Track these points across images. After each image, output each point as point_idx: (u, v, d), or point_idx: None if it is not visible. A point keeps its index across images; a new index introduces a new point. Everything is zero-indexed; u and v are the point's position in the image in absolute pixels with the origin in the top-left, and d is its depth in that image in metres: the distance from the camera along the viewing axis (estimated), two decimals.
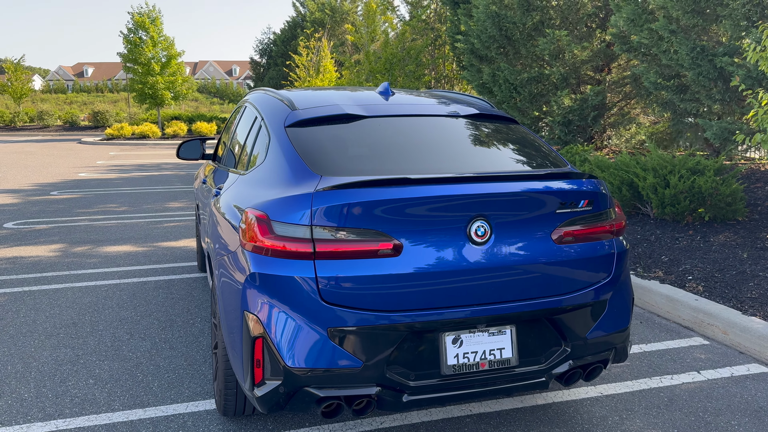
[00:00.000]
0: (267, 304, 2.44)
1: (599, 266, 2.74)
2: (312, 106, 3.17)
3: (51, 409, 3.29)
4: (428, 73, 17.37)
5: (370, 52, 15.21)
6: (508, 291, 2.56)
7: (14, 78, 39.67)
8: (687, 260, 5.35)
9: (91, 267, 6.18)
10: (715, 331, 4.29)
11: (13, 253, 6.78)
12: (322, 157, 2.75)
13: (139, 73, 28.84)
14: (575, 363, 2.73)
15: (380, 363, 2.43)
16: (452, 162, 2.90)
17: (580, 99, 9.96)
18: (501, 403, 3.36)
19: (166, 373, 3.73)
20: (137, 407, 3.32)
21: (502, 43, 11.17)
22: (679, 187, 5.86)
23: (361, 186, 2.43)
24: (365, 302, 2.40)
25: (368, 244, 2.40)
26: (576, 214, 2.68)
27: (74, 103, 60.74)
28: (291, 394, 2.44)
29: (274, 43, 39.05)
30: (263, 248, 2.45)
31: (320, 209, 2.38)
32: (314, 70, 22.43)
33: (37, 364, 3.86)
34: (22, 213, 9.32)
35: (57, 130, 34.84)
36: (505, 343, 2.59)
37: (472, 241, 2.51)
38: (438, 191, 2.47)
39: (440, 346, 2.51)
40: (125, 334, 4.38)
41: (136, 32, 28.90)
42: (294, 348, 2.39)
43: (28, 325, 4.53)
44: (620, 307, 2.84)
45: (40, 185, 12.61)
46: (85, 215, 9.19)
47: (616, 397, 3.46)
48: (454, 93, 3.96)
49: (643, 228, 6.35)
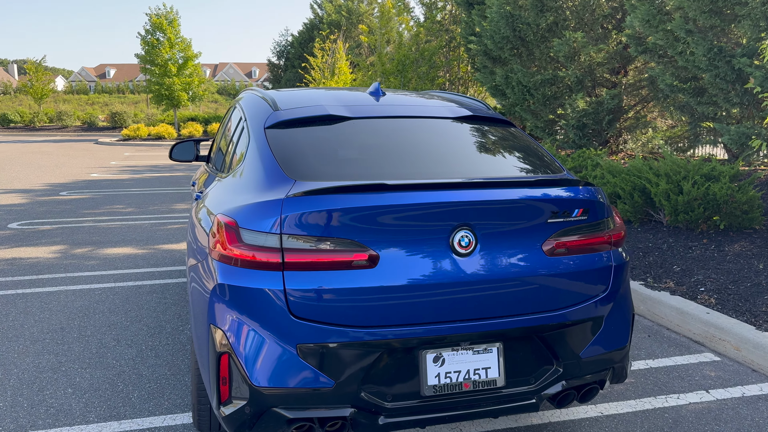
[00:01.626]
0: (233, 318, 2.28)
1: (595, 280, 2.54)
2: (295, 107, 3.01)
3: (24, 420, 3.17)
4: (443, 75, 17.17)
5: (383, 53, 15.06)
6: (494, 306, 2.38)
7: (35, 79, 40.13)
8: (700, 270, 5.11)
9: (88, 270, 6.09)
10: (726, 346, 4.06)
11: (12, 254, 6.72)
12: (299, 160, 2.59)
13: (156, 75, 29.00)
14: (568, 384, 2.53)
15: (354, 382, 2.26)
16: (439, 166, 2.72)
17: (595, 102, 9.71)
18: (494, 423, 3.17)
19: (147, 383, 3.60)
20: (112, 419, 3.19)
21: (515, 44, 10.95)
22: (692, 193, 5.61)
23: (335, 192, 2.26)
24: (338, 317, 2.23)
25: (341, 254, 2.23)
26: (569, 224, 2.49)
27: (96, 104, 61.42)
28: (258, 414, 2.27)
29: (292, 45, 39.07)
30: (231, 257, 2.29)
31: (290, 217, 2.22)
32: (329, 71, 22.35)
33: (18, 371, 3.75)
34: (28, 213, 9.30)
35: (75, 130, 35.16)
36: (492, 362, 2.41)
37: (455, 252, 2.33)
38: (417, 198, 2.29)
39: (420, 364, 2.33)
40: (112, 340, 4.26)
41: (153, 33, 29.06)
42: (261, 366, 2.23)
43: (15, 330, 4.43)
44: (618, 324, 2.64)
45: (50, 185, 12.63)
46: (90, 216, 9.14)
47: (617, 417, 3.25)
48: (451, 94, 3.78)
49: (655, 236, 6.11)
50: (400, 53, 14.27)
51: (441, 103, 3.28)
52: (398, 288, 2.26)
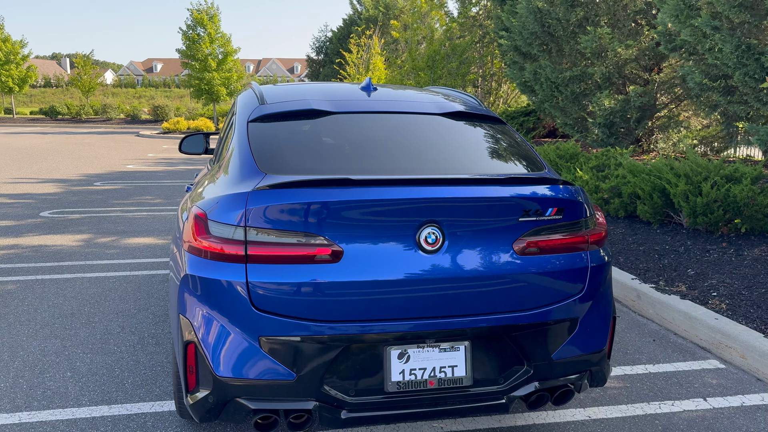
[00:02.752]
0: (199, 309, 2.32)
1: (570, 280, 2.49)
2: (280, 101, 3.03)
3: (21, 401, 3.29)
4: (475, 71, 17.01)
5: (413, 49, 15.01)
6: (462, 304, 2.36)
7: (83, 72, 41.42)
8: (714, 275, 4.95)
9: (107, 258, 6.26)
10: (732, 354, 3.92)
11: (39, 241, 6.95)
12: (274, 153, 2.61)
13: (196, 69, 29.57)
14: (541, 385, 2.49)
15: (315, 376, 2.27)
16: (414, 162, 2.71)
17: (621, 100, 9.48)
18: (476, 422, 3.14)
19: (143, 370, 3.69)
20: (103, 404, 3.28)
21: (544, 40, 10.77)
22: (711, 195, 5.43)
23: (299, 186, 2.28)
24: (300, 311, 2.25)
25: (304, 248, 2.24)
26: (542, 223, 2.44)
27: (142, 98, 63.03)
28: (221, 404, 2.31)
29: (330, 41, 39.34)
30: (199, 249, 2.33)
31: (254, 210, 2.24)
32: (364, 67, 22.40)
33: (24, 354, 3.88)
34: (61, 202, 9.61)
35: (119, 122, 36.16)
36: (458, 360, 2.39)
37: (421, 248, 2.32)
38: (383, 194, 2.29)
39: (384, 360, 2.33)
40: (117, 327, 4.37)
41: (194, 29, 29.63)
42: (223, 356, 2.26)
43: (28, 314, 4.59)
44: (595, 326, 2.58)
45: (86, 175, 13.01)
46: (119, 206, 9.38)
47: (604, 421, 3.18)
48: (448, 90, 3.74)
49: (674, 238, 5.94)
50: (431, 49, 14.19)
51: (430, 99, 3.26)
52: (362, 284, 2.26)
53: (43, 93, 64.82)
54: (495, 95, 17.60)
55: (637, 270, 5.31)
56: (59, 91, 66.31)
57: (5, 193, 10.40)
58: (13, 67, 36.39)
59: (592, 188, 7.20)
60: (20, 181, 12.02)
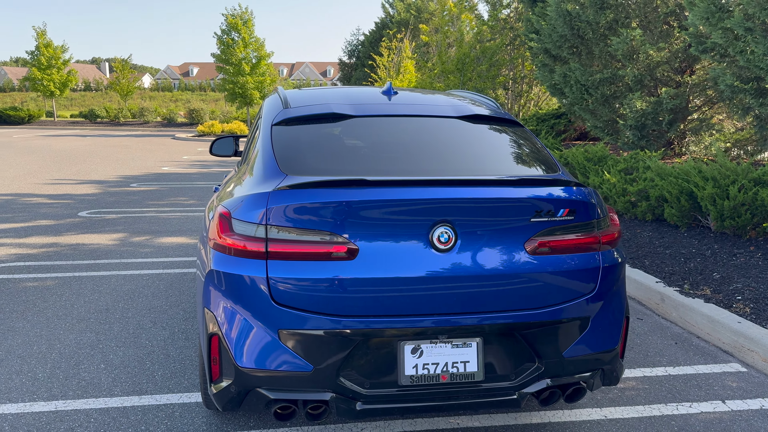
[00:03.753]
0: (222, 302, 2.44)
1: (581, 280, 2.54)
2: (303, 105, 3.15)
3: (57, 390, 3.47)
4: (506, 73, 16.98)
5: (442, 51, 15.07)
6: (474, 302, 2.43)
7: (121, 76, 42.49)
8: (740, 278, 4.91)
9: (141, 256, 6.48)
10: (755, 357, 3.90)
11: (77, 240, 7.22)
12: (295, 155, 2.72)
13: (230, 73, 30.08)
14: (553, 382, 2.55)
15: (332, 368, 2.37)
16: (430, 164, 2.79)
17: (653, 102, 9.39)
18: (492, 418, 3.20)
19: (173, 363, 3.84)
20: (134, 394, 3.43)
21: (574, 43, 10.72)
22: (738, 198, 5.38)
23: (317, 186, 2.38)
24: (317, 305, 2.35)
25: (321, 246, 2.35)
26: (554, 224, 2.50)
27: (179, 101, 64.29)
28: (242, 393, 2.43)
29: (362, 44, 39.57)
30: (223, 246, 2.46)
31: (275, 209, 2.36)
32: (394, 70, 22.52)
33: (60, 346, 4.08)
34: (98, 203, 9.93)
35: (156, 126, 36.97)
36: (470, 356, 2.46)
37: (434, 247, 2.40)
38: (397, 194, 2.38)
39: (398, 355, 2.42)
40: (149, 322, 4.55)
41: (229, 33, 30.16)
42: (245, 348, 2.38)
43: (65, 309, 4.81)
44: (607, 326, 2.63)
45: (123, 177, 13.40)
46: (154, 207, 9.66)
47: (620, 421, 3.21)
48: (468, 93, 3.82)
49: (701, 242, 5.89)
50: (461, 51, 14.24)
51: (448, 102, 3.34)
52: (376, 280, 2.36)
53: (83, 96, 66.64)
54: (526, 98, 17.54)
55: (663, 273, 5.29)
56: (99, 94, 68.09)
57: (46, 194, 10.80)
58: (55, 71, 37.56)
59: (620, 191, 7.17)
60: (60, 182, 12.44)
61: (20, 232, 7.62)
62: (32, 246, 6.87)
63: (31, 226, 8.01)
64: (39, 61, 37.17)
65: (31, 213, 8.93)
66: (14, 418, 3.17)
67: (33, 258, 6.35)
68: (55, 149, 20.71)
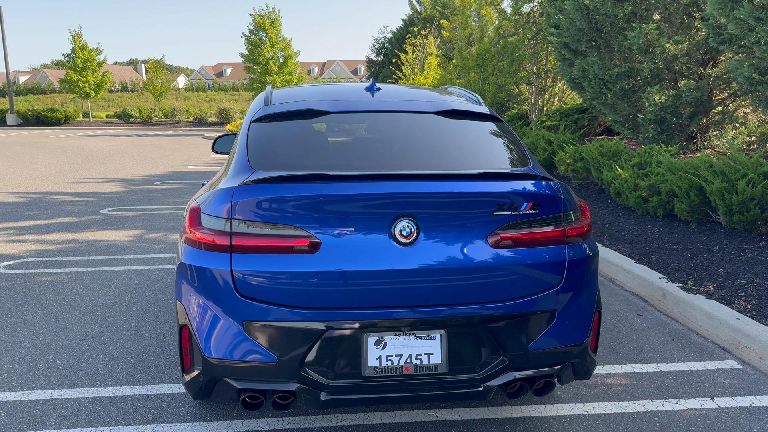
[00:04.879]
0: (191, 295, 2.52)
1: (546, 273, 2.55)
2: (283, 102, 3.21)
3: (54, 380, 3.60)
4: (530, 68, 16.81)
5: (463, 48, 15.00)
6: (437, 295, 2.46)
7: (155, 77, 43.32)
8: (745, 275, 4.80)
9: (154, 252, 6.64)
10: (751, 354, 3.83)
11: (95, 236, 7.44)
12: (266, 151, 2.78)
13: (257, 73, 30.45)
14: (519, 375, 2.56)
15: (296, 359, 2.42)
16: (399, 159, 2.82)
17: (673, 95, 9.20)
18: (472, 412, 3.22)
19: (168, 355, 3.95)
20: (127, 384, 3.55)
21: (592, 36, 10.57)
22: (747, 193, 5.26)
23: (280, 181, 2.44)
24: (280, 298, 2.41)
25: (283, 239, 2.40)
26: (517, 218, 2.51)
27: (212, 101, 65.18)
28: (211, 383, 2.50)
29: (390, 42, 39.60)
30: (192, 240, 2.53)
31: (239, 203, 2.42)
32: (419, 67, 22.50)
33: (64, 338, 4.22)
34: (121, 200, 10.19)
35: (187, 125, 37.61)
36: (434, 348, 2.49)
37: (396, 241, 2.43)
38: (358, 189, 2.42)
39: (362, 347, 2.46)
40: (152, 315, 4.67)
41: (256, 33, 30.52)
42: (212, 339, 2.45)
43: (74, 302, 4.97)
44: (575, 319, 2.62)
45: (148, 175, 13.70)
46: (174, 204, 9.87)
47: (601, 417, 3.20)
48: (457, 89, 3.82)
49: (710, 237, 5.77)
50: (481, 47, 14.15)
51: (429, 98, 3.35)
52: (338, 273, 2.40)
53: (120, 97, 68.13)
54: (550, 92, 17.33)
55: (668, 269, 5.21)
56: (134, 95, 69.54)
57: (72, 192, 11.11)
58: (90, 73, 38.51)
59: (631, 186, 7.07)
60: (87, 180, 12.79)
61: (42, 228, 7.88)
62: (52, 242, 7.10)
63: (53, 223, 8.27)
64: (75, 64, 38.17)
65: (56, 210, 9.21)
66: (11, 405, 3.30)
67: (51, 254, 6.57)
68: (87, 149, 21.27)
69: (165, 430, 3.05)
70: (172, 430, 3.05)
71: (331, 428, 3.07)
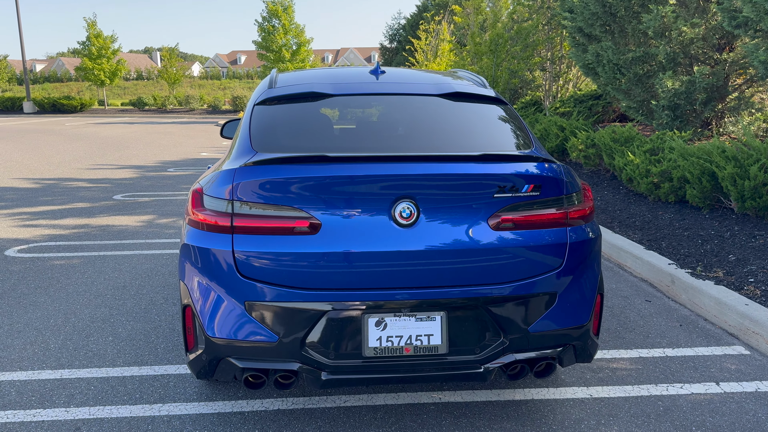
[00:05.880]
0: (194, 275, 2.54)
1: (546, 255, 2.54)
2: (287, 85, 3.22)
3: (65, 360, 3.66)
4: (543, 54, 16.65)
5: (476, 33, 14.87)
6: (437, 276, 2.46)
7: (169, 65, 43.48)
8: (755, 261, 4.76)
9: (165, 237, 6.71)
10: (759, 340, 3.80)
11: (107, 221, 7.52)
12: (268, 134, 2.79)
13: (270, 60, 30.45)
14: (519, 357, 2.56)
15: (296, 340, 2.44)
16: (401, 141, 2.82)
17: (687, 81, 9.08)
18: (475, 394, 3.23)
19: (176, 336, 4.00)
20: (135, 365, 3.60)
21: (605, 21, 10.44)
22: (759, 178, 5.19)
23: (281, 162, 2.45)
24: (281, 278, 2.42)
25: (284, 221, 2.41)
26: (518, 200, 2.50)
27: (227, 89, 65.30)
28: (214, 362, 2.53)
29: (403, 28, 39.42)
30: (195, 221, 2.56)
31: (240, 184, 2.43)
32: (432, 53, 22.37)
33: (75, 320, 4.29)
34: (134, 186, 10.28)
35: (201, 113, 37.76)
36: (434, 329, 2.49)
37: (396, 222, 2.44)
38: (358, 170, 2.42)
39: (362, 327, 2.47)
40: (161, 298, 4.73)
41: (270, 20, 30.47)
42: (213, 319, 2.48)
43: (86, 285, 5.04)
44: (576, 302, 2.62)
45: (162, 162, 13.80)
46: (186, 190, 9.93)
47: (604, 400, 3.20)
48: (463, 72, 3.80)
49: (721, 224, 5.71)
50: (494, 32, 14.03)
51: (433, 81, 3.34)
52: (338, 255, 2.41)
53: (135, 85, 68.53)
54: (564, 78, 17.17)
55: (678, 255, 5.18)
56: (150, 83, 69.90)
57: (86, 178, 11.23)
58: (105, 61, 38.71)
59: (643, 172, 7.00)
60: (101, 167, 12.91)
61: (56, 214, 7.98)
62: (65, 227, 7.19)
63: (66, 208, 8.37)
64: (90, 52, 38.38)
65: (69, 196, 9.32)
66: (21, 384, 3.37)
67: (64, 238, 6.65)
68: (102, 136, 21.44)
69: (171, 409, 3.10)
70: (178, 409, 3.10)
71: (335, 409, 3.10)
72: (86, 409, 3.10)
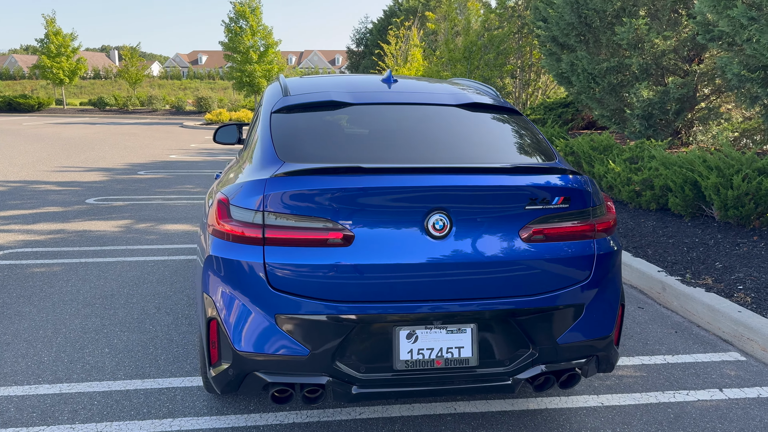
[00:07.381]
0: (221, 287, 2.48)
1: (576, 267, 2.56)
2: (302, 93, 3.17)
3: (62, 374, 3.53)
4: (514, 62, 16.90)
5: (449, 40, 15.00)
6: (468, 288, 2.46)
7: (130, 64, 42.56)
8: (742, 268, 4.90)
9: (147, 243, 6.54)
10: (754, 347, 3.91)
11: (84, 227, 7.30)
12: (293, 143, 2.75)
13: (238, 61, 30.08)
14: (547, 368, 2.58)
15: (328, 353, 2.41)
16: (428, 152, 2.81)
17: (660, 91, 9.33)
18: (489, 404, 3.24)
19: (176, 348, 3.90)
20: (137, 378, 3.49)
21: (581, 31, 10.66)
22: (742, 188, 5.36)
23: (313, 173, 2.41)
24: (313, 291, 2.38)
25: (317, 232, 2.37)
26: (549, 212, 2.52)
27: (187, 89, 64.29)
28: (240, 376, 2.47)
29: (371, 33, 39.43)
30: (221, 232, 2.49)
31: (272, 195, 2.38)
32: (402, 58, 22.45)
33: (66, 331, 4.14)
34: (106, 190, 10.01)
35: (164, 114, 37.06)
36: (465, 341, 2.49)
37: (429, 234, 2.42)
38: (392, 182, 2.40)
39: (393, 340, 2.45)
40: (153, 308, 4.60)
41: (236, 21, 30.12)
42: (242, 332, 2.42)
43: (71, 294, 4.87)
44: (602, 313, 2.65)
45: (131, 165, 13.47)
46: (160, 194, 9.72)
47: (616, 408, 3.24)
48: (469, 82, 3.82)
49: (704, 231, 5.88)
50: (467, 40, 14.18)
51: (448, 91, 3.35)
52: (371, 267, 2.39)
53: (92, 84, 66.86)
54: (534, 86, 17.46)
55: (665, 262, 5.30)
56: (108, 82, 68.30)
57: (54, 181, 10.88)
58: (64, 59, 37.65)
59: (624, 180, 7.15)
60: (68, 169, 12.53)
61: (28, 218, 7.70)
62: (39, 232, 6.95)
63: (38, 212, 8.09)
64: (48, 49, 37.27)
65: (39, 200, 9.01)
66: (19, 400, 3.23)
67: (40, 244, 6.42)
68: (64, 137, 20.83)
69: (183, 424, 3.01)
70: (190, 424, 3.01)
71: (351, 421, 3.06)
72: (93, 426, 2.99)
